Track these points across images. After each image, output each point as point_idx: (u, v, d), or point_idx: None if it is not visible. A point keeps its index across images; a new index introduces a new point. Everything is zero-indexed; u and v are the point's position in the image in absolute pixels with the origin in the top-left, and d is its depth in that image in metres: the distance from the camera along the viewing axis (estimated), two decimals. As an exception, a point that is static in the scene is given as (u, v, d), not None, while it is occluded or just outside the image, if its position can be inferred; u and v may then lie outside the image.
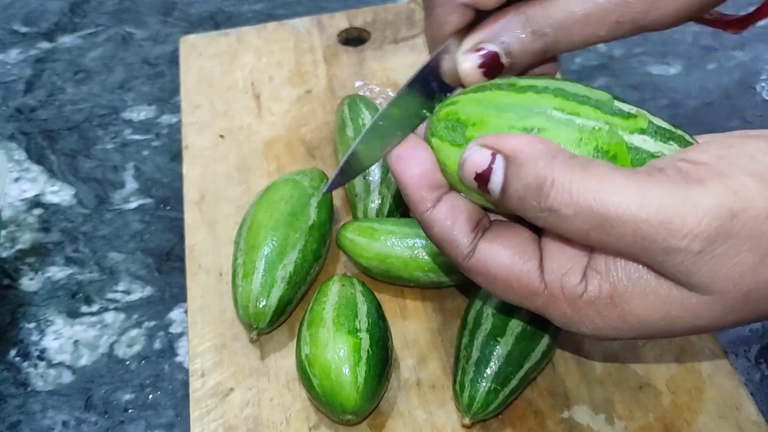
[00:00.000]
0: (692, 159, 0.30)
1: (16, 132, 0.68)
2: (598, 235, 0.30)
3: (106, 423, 0.49)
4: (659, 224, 0.28)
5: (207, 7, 0.81)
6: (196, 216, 0.58)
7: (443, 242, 0.35)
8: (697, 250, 0.28)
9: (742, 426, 0.45)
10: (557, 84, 0.34)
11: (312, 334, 0.45)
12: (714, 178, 0.28)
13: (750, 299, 0.30)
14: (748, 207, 0.28)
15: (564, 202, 0.30)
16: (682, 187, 0.28)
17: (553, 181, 0.30)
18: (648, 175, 0.29)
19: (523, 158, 0.31)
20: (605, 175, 0.29)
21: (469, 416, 0.44)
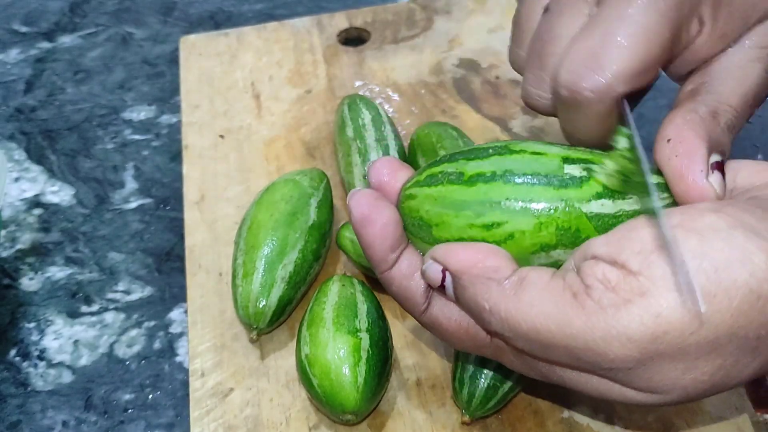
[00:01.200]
0: (623, 264, 0.30)
1: (16, 132, 0.68)
2: (538, 352, 0.32)
3: (106, 423, 0.49)
4: (588, 351, 0.30)
5: (207, 7, 0.81)
6: (196, 216, 0.58)
7: (401, 299, 0.37)
8: (627, 368, 0.30)
9: (742, 426, 0.45)
10: (504, 164, 0.34)
11: (312, 334, 0.45)
12: (637, 300, 0.29)
13: (689, 393, 0.31)
14: (669, 329, 0.29)
15: (501, 327, 0.32)
16: (607, 313, 0.29)
17: (490, 309, 0.32)
18: (573, 297, 0.30)
19: (465, 281, 0.33)
20: (534, 302, 0.31)
21: (468, 413, 0.44)
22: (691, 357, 0.30)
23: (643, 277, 0.29)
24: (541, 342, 0.31)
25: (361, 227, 0.36)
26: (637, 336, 0.29)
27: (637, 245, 0.30)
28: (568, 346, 0.30)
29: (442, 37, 0.72)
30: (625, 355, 0.30)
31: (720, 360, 0.30)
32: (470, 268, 0.33)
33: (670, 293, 0.29)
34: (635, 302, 0.29)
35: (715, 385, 0.31)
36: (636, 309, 0.29)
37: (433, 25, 0.73)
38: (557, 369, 0.33)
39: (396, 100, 0.66)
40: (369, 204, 0.36)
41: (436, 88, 0.67)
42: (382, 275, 0.37)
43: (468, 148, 0.37)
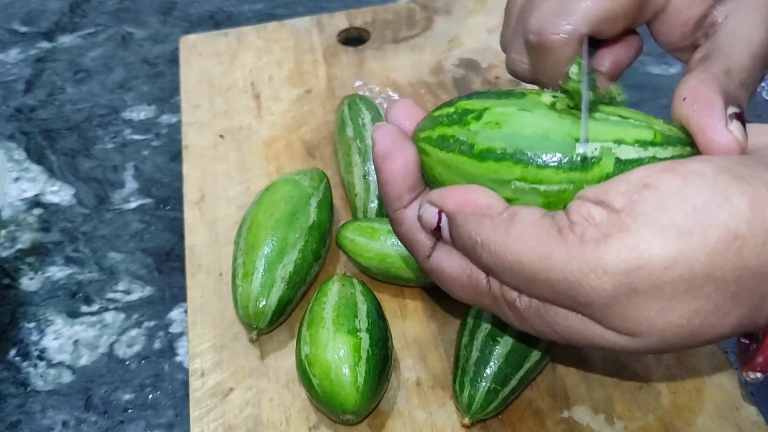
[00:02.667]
0: (608, 203, 0.31)
1: (16, 132, 0.68)
2: (525, 288, 0.33)
3: (106, 423, 0.49)
4: (566, 283, 0.31)
5: (207, 7, 0.81)
6: (196, 216, 0.58)
7: (408, 241, 0.37)
8: (603, 303, 0.31)
9: (742, 426, 0.45)
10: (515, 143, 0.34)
11: (312, 334, 0.45)
12: (616, 234, 0.30)
13: (667, 337, 0.32)
14: (644, 263, 0.30)
15: (491, 260, 0.33)
16: (586, 246, 0.30)
17: (481, 242, 0.33)
18: (558, 232, 0.31)
19: (460, 219, 0.34)
20: (521, 236, 0.32)
21: (468, 416, 0.44)
22: (666, 296, 0.30)
23: (624, 214, 0.30)
24: (525, 275, 0.32)
25: (382, 162, 0.36)
26: (612, 268, 0.30)
27: (623, 186, 0.31)
28: (548, 278, 0.31)
29: (442, 37, 0.72)
30: (600, 288, 0.30)
31: (697, 302, 0.30)
32: (464, 206, 0.34)
33: (648, 229, 0.30)
34: (614, 236, 0.30)
35: (695, 333, 0.31)
36: (614, 243, 0.30)
37: (433, 25, 0.73)
38: (546, 317, 0.33)
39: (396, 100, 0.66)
40: (392, 139, 0.36)
41: (436, 88, 0.67)
42: (394, 213, 0.37)
43: (477, 96, 0.36)
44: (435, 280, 0.37)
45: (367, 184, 0.54)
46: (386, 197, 0.37)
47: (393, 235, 0.50)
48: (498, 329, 0.45)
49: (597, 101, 0.35)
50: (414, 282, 0.51)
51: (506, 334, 0.45)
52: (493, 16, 0.73)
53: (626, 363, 0.48)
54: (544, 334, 0.35)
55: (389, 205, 0.37)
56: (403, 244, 0.38)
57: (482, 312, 0.46)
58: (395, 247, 0.50)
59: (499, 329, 0.45)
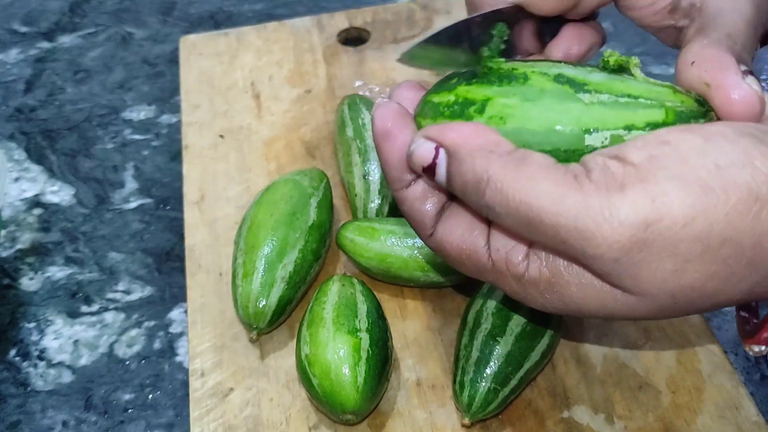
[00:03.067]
0: (624, 157, 0.30)
1: (16, 132, 0.68)
2: (527, 233, 0.31)
3: (106, 423, 0.49)
4: (576, 231, 0.29)
5: (207, 7, 0.81)
6: (196, 216, 0.58)
7: (411, 220, 0.36)
8: (613, 258, 0.29)
9: (741, 426, 0.45)
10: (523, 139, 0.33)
11: (312, 334, 0.45)
12: (635, 184, 0.29)
13: (678, 300, 0.30)
14: (663, 216, 0.28)
15: (497, 201, 0.30)
16: (602, 194, 0.29)
17: (489, 179, 0.31)
18: (574, 178, 0.30)
19: (463, 154, 0.31)
20: (534, 176, 0.30)
21: (468, 416, 0.44)
22: (681, 256, 0.29)
23: (643, 167, 0.29)
24: (530, 218, 0.30)
25: (382, 141, 0.35)
26: (629, 220, 0.28)
27: (640, 142, 0.30)
28: (557, 224, 0.29)
29: (442, 37, 0.72)
30: (614, 240, 0.28)
31: (713, 267, 0.29)
32: (469, 139, 0.32)
33: (670, 182, 0.28)
34: (632, 187, 0.29)
35: (707, 295, 0.30)
36: (632, 193, 0.28)
37: (433, 25, 0.73)
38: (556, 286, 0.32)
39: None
40: (393, 119, 0.35)
41: (436, 88, 0.67)
42: (396, 193, 0.36)
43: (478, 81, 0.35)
44: (440, 256, 0.36)
45: (367, 184, 0.54)
46: (387, 176, 0.36)
47: (393, 235, 0.50)
48: (498, 329, 0.45)
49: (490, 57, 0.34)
50: (414, 282, 0.51)
51: (506, 334, 0.45)
52: (493, 16, 0.73)
53: (626, 363, 0.48)
54: (552, 306, 0.33)
55: (390, 184, 0.36)
56: (407, 221, 0.37)
57: (482, 312, 0.46)
58: (395, 247, 0.50)
59: (499, 329, 0.45)
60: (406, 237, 0.50)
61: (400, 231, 0.50)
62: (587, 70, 0.33)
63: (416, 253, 0.50)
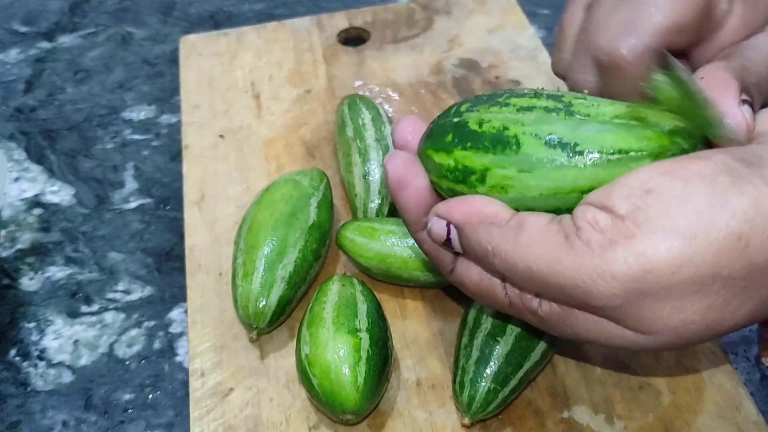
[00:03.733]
0: (611, 208, 0.31)
1: (16, 132, 0.68)
2: (537, 290, 0.34)
3: (106, 423, 0.49)
4: (577, 288, 0.32)
5: (207, 7, 0.81)
6: (196, 216, 0.58)
7: (432, 258, 0.39)
8: (614, 307, 0.32)
9: (741, 426, 0.45)
10: (524, 204, 0.35)
11: (312, 334, 0.45)
12: (622, 241, 0.31)
13: (682, 334, 0.32)
14: (652, 268, 0.30)
15: (505, 267, 0.34)
16: (594, 253, 0.31)
17: (492, 251, 0.34)
18: (565, 239, 0.32)
19: (469, 230, 0.35)
20: (530, 243, 0.33)
21: (468, 416, 0.44)
22: (676, 296, 0.31)
23: (629, 221, 0.31)
24: (536, 281, 0.33)
25: (397, 190, 0.38)
26: (620, 275, 0.31)
27: (626, 190, 0.32)
28: (559, 284, 0.32)
29: (442, 37, 0.72)
30: (610, 293, 0.31)
31: (708, 300, 0.31)
32: (471, 216, 0.35)
33: (653, 235, 0.30)
34: (620, 243, 0.31)
35: (709, 327, 0.32)
36: (621, 250, 0.31)
37: (433, 25, 0.73)
38: (567, 321, 0.34)
39: (396, 100, 0.66)
40: (405, 167, 0.37)
41: (436, 88, 0.67)
42: (415, 236, 0.39)
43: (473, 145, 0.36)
44: (461, 289, 0.39)
45: (367, 184, 0.54)
46: (405, 221, 0.39)
47: (393, 235, 0.50)
48: (498, 329, 0.45)
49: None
50: (414, 282, 0.51)
51: (506, 334, 0.45)
52: (493, 16, 0.73)
53: (626, 363, 0.48)
54: (567, 336, 0.35)
55: (409, 228, 0.39)
56: (430, 259, 0.40)
57: (483, 312, 0.46)
58: (395, 247, 0.50)
59: (500, 329, 0.45)
60: (406, 237, 0.50)
61: (400, 231, 0.50)
62: (576, 121, 0.34)
63: (417, 254, 0.50)
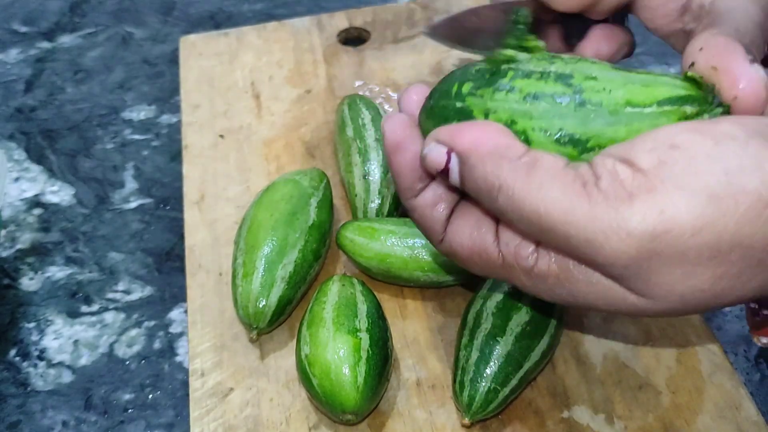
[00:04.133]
0: (633, 161, 0.30)
1: (16, 132, 0.68)
2: (538, 236, 0.31)
3: (106, 423, 0.49)
4: (585, 241, 0.29)
5: (207, 7, 0.81)
6: (196, 216, 0.58)
7: (421, 227, 0.37)
8: (623, 266, 0.30)
9: (741, 426, 0.45)
10: None
11: (312, 334, 0.45)
12: (643, 195, 0.29)
13: (687, 301, 0.31)
14: (672, 227, 0.28)
15: (509, 207, 0.31)
16: (610, 205, 0.29)
17: (500, 187, 0.31)
18: (582, 186, 0.30)
19: (474, 160, 0.32)
20: (543, 185, 0.30)
21: (468, 416, 0.44)
22: (690, 262, 0.29)
23: (652, 175, 0.29)
24: (542, 226, 0.30)
25: (393, 153, 0.36)
26: (636, 231, 0.29)
27: (650, 144, 0.30)
28: (567, 233, 0.30)
29: (442, 37, 0.72)
30: (622, 251, 0.29)
31: (722, 268, 0.29)
32: (480, 146, 0.32)
33: (677, 192, 0.28)
34: (640, 197, 0.29)
35: (716, 296, 0.30)
36: (640, 204, 0.29)
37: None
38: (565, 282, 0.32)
39: (396, 100, 0.66)
40: (403, 131, 0.36)
41: (436, 88, 0.67)
42: (406, 202, 0.37)
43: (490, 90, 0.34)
44: (453, 260, 0.37)
45: (367, 184, 0.54)
46: (398, 187, 0.37)
47: (393, 235, 0.50)
48: (498, 329, 0.45)
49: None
50: (414, 282, 0.51)
51: (506, 333, 0.45)
52: (493, 16, 0.73)
53: (626, 363, 0.48)
54: (561, 300, 0.33)
55: (401, 194, 0.37)
56: (418, 228, 0.38)
57: (482, 312, 0.46)
58: (395, 247, 0.50)
59: (499, 329, 0.45)
60: (406, 237, 0.50)
61: (400, 231, 0.50)
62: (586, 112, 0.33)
63: (417, 254, 0.50)
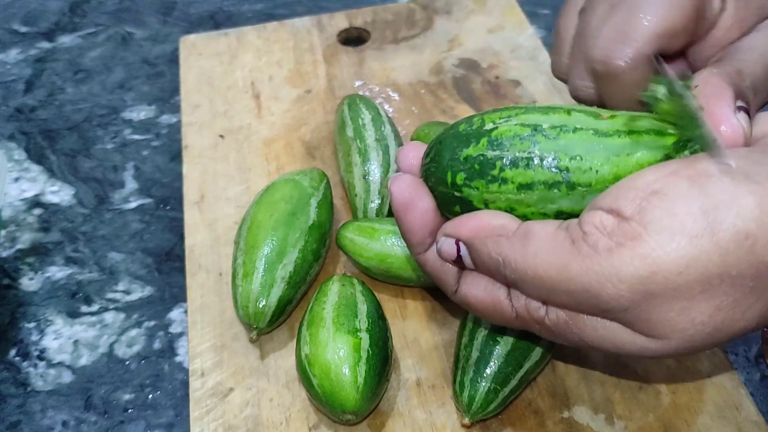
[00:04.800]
0: (618, 211, 0.31)
1: (16, 132, 0.68)
2: (547, 297, 0.34)
3: (106, 423, 0.49)
4: (586, 292, 0.32)
5: (207, 7, 0.81)
6: (196, 216, 0.58)
7: (435, 279, 0.39)
8: (622, 309, 0.32)
9: (741, 426, 0.45)
10: None
11: (312, 334, 0.45)
12: (628, 243, 0.31)
13: (693, 337, 0.32)
14: (657, 270, 0.30)
15: (516, 277, 0.34)
16: (601, 257, 0.31)
17: (503, 261, 0.34)
18: (572, 244, 0.32)
19: (478, 244, 0.35)
20: (538, 252, 0.33)
21: (468, 416, 0.44)
22: (684, 297, 0.31)
23: (635, 222, 0.31)
24: (546, 288, 0.33)
25: (402, 212, 0.38)
26: (627, 277, 0.30)
27: (632, 193, 0.32)
28: (569, 289, 0.32)
29: (442, 37, 0.72)
30: (618, 295, 0.31)
31: (716, 300, 0.31)
32: (479, 231, 0.35)
33: (659, 236, 0.30)
34: (626, 245, 0.31)
35: (718, 329, 0.32)
36: (627, 251, 0.31)
37: (433, 25, 0.73)
38: (575, 329, 0.34)
39: (396, 100, 0.66)
40: (410, 189, 0.38)
41: (436, 88, 0.67)
42: (418, 257, 0.39)
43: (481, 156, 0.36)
44: (466, 309, 0.39)
45: (367, 184, 0.54)
46: (408, 243, 0.39)
47: (393, 235, 0.50)
48: (498, 329, 0.45)
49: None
50: (414, 282, 0.51)
51: (506, 333, 0.45)
52: (492, 16, 0.73)
53: (626, 363, 0.48)
54: (575, 344, 0.35)
55: (412, 249, 0.39)
56: (433, 281, 0.40)
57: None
58: (395, 247, 0.50)
59: (499, 329, 0.45)
60: (406, 237, 0.50)
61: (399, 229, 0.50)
62: (579, 193, 0.34)
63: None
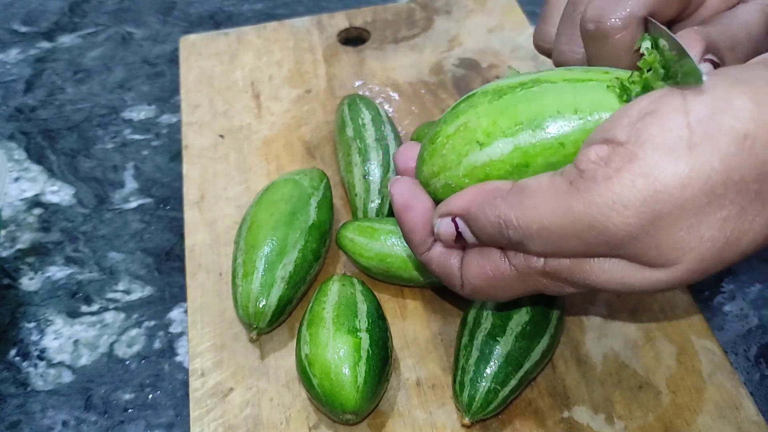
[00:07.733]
0: (612, 138, 0.31)
1: (16, 132, 0.68)
2: (555, 249, 0.33)
3: (106, 423, 0.49)
4: (593, 230, 0.31)
5: (207, 7, 0.81)
6: (196, 216, 0.58)
7: (441, 277, 0.39)
8: (632, 238, 0.31)
9: (741, 426, 0.45)
10: None
11: (312, 334, 0.45)
12: (626, 166, 0.30)
13: (704, 256, 0.31)
14: (660, 188, 0.30)
15: (521, 235, 0.33)
16: (600, 187, 0.30)
17: (504, 223, 0.33)
18: (570, 185, 0.31)
19: (474, 212, 0.35)
20: (537, 203, 0.32)
21: (468, 416, 0.44)
22: (691, 212, 0.30)
23: (630, 144, 0.30)
24: (554, 237, 0.32)
25: (403, 213, 0.38)
26: (631, 201, 0.30)
27: (626, 119, 0.31)
28: (576, 232, 0.31)
29: (442, 36, 0.72)
30: (625, 223, 0.30)
31: (723, 210, 0.30)
32: (473, 200, 0.35)
33: (656, 152, 0.30)
34: (625, 169, 0.30)
35: (729, 243, 0.31)
36: (626, 175, 0.30)
37: (433, 24, 0.73)
38: (581, 273, 0.33)
39: (396, 100, 0.66)
40: (410, 191, 0.38)
41: (436, 88, 0.67)
42: (421, 257, 0.39)
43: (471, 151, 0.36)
44: (479, 299, 0.39)
45: (367, 184, 0.54)
46: (411, 243, 0.39)
47: (393, 235, 0.50)
48: (498, 329, 0.45)
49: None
50: (414, 282, 0.51)
51: (506, 333, 0.45)
52: (493, 16, 0.73)
53: (626, 363, 0.48)
54: (580, 289, 0.35)
55: (415, 249, 0.39)
56: (438, 278, 0.39)
57: (482, 312, 0.46)
58: (395, 247, 0.50)
59: (499, 329, 0.45)
60: (406, 237, 0.50)
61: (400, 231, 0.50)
62: None
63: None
